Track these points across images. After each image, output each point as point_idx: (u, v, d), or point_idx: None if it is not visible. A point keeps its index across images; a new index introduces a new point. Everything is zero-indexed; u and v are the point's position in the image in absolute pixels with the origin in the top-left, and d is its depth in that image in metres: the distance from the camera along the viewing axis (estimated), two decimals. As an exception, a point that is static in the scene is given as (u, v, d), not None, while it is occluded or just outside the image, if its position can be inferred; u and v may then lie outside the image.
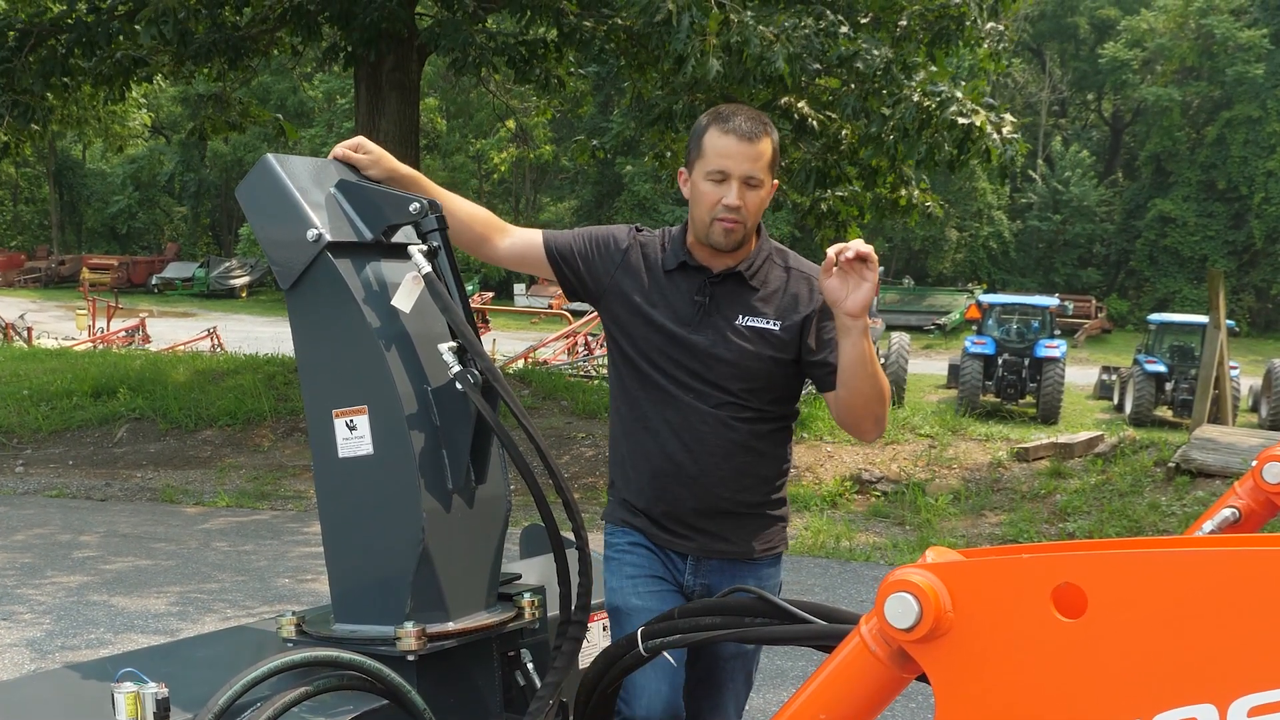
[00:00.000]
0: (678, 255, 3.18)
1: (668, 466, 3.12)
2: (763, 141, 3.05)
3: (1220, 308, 14.28)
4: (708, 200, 3.06)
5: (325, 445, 2.57)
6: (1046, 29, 57.23)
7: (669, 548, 3.17)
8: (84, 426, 13.89)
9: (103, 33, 12.39)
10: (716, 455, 3.10)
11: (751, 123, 3.05)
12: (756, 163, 3.04)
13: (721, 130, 3.04)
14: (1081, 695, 1.36)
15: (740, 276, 3.14)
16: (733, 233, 3.06)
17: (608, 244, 3.24)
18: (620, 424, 3.25)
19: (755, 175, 3.04)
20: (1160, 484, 11.20)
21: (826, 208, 13.86)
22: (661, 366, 3.12)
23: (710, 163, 3.05)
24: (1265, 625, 1.27)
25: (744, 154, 3.02)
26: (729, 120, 3.05)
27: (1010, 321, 25.74)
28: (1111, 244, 53.91)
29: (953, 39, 11.63)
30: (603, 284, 3.21)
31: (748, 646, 3.21)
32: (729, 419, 3.09)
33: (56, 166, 57.87)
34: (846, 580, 9.12)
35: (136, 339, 27.48)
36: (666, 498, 3.13)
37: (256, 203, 2.65)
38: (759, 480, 3.18)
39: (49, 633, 7.26)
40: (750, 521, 3.19)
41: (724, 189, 3.03)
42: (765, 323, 3.11)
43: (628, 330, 3.17)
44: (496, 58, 13.56)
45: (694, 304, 3.12)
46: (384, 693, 2.20)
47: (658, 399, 3.13)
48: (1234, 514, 2.67)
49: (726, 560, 3.16)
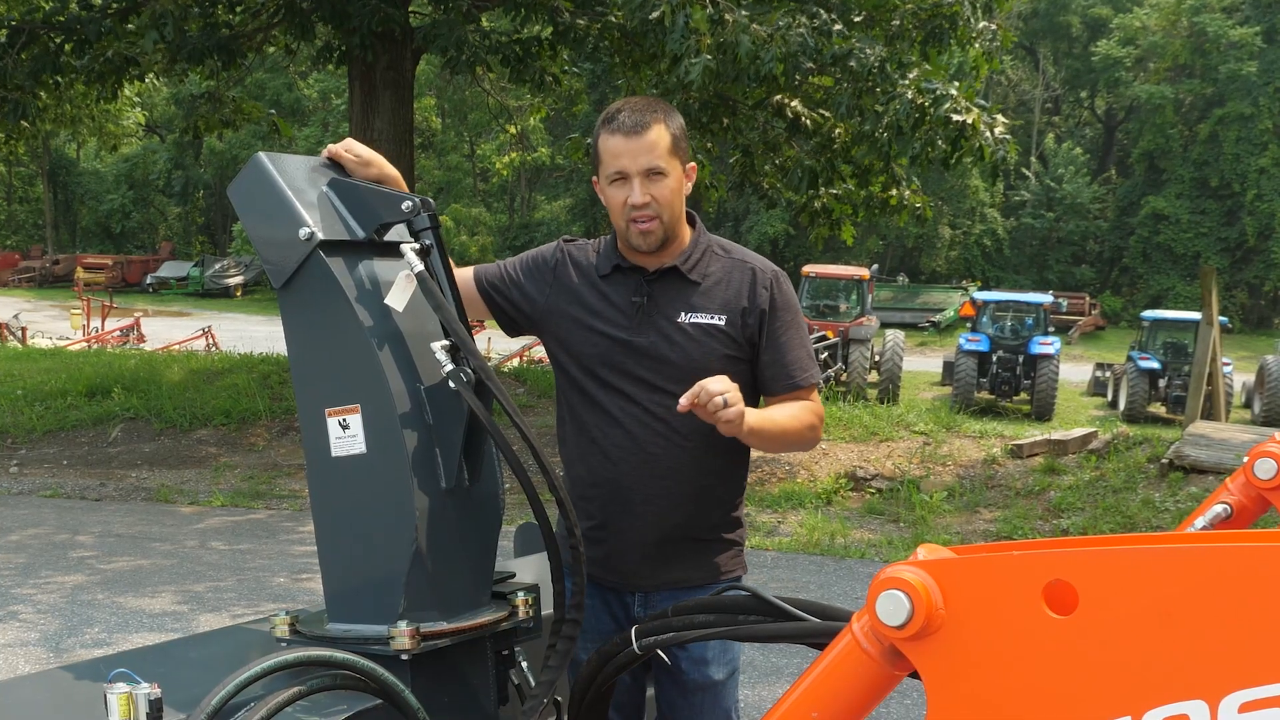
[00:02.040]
0: (611, 259, 3.07)
1: (618, 492, 3.00)
2: (651, 130, 2.92)
3: (1213, 305, 14.33)
4: (615, 204, 2.97)
5: (318, 444, 2.57)
6: (1039, 27, 57.29)
7: (620, 589, 3.07)
8: (78, 426, 13.88)
9: (94, 30, 12.37)
10: (669, 477, 2.98)
11: (636, 114, 2.94)
12: (651, 153, 2.91)
13: (609, 131, 2.95)
14: (1073, 692, 1.36)
15: (677, 271, 3.03)
16: (649, 233, 2.95)
17: (538, 264, 3.15)
18: (567, 449, 3.14)
19: (654, 165, 2.92)
20: (1154, 480, 11.22)
21: (820, 205, 13.86)
22: (607, 380, 3.01)
23: (607, 166, 2.96)
24: (1256, 621, 1.27)
25: (634, 149, 2.91)
26: (613, 120, 2.95)
27: (1004, 319, 25.78)
28: (1105, 241, 53.99)
29: (945, 38, 11.63)
30: (538, 306, 3.11)
31: (716, 676, 3.05)
32: (681, 434, 2.96)
33: (51, 165, 57.79)
34: (841, 577, 9.13)
35: (131, 338, 27.47)
36: (617, 527, 3.02)
37: (248, 201, 2.64)
38: (714, 502, 3.08)
39: (44, 633, 7.25)
40: (704, 548, 3.08)
41: (626, 188, 2.93)
42: (710, 318, 2.99)
43: (569, 346, 3.06)
44: (490, 56, 13.55)
45: (632, 305, 3.01)
46: (378, 692, 2.20)
47: (604, 420, 3.01)
48: (1226, 510, 2.67)
49: (679, 590, 3.02)
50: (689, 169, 3.05)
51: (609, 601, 3.10)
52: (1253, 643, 1.27)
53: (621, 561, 3.05)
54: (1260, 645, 1.27)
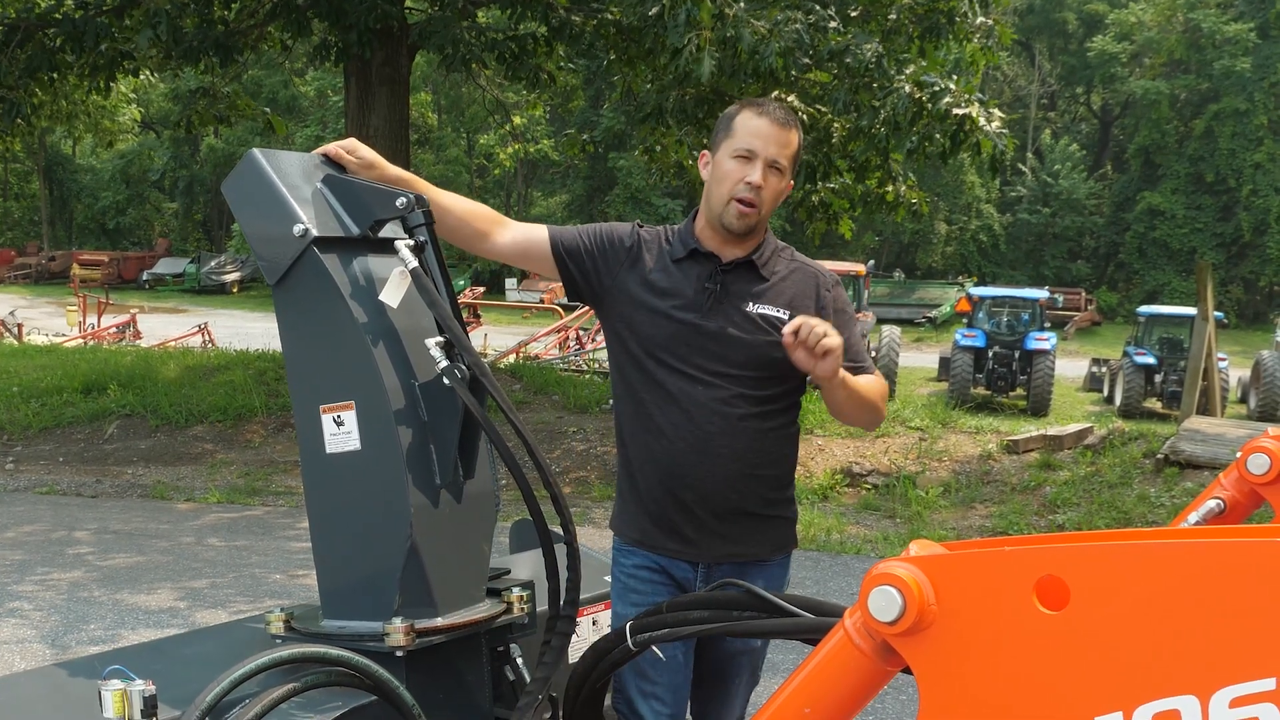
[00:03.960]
0: (686, 243, 3.16)
1: (675, 469, 3.07)
2: (793, 131, 3.09)
3: (1209, 300, 14.34)
4: (731, 178, 3.06)
5: (313, 441, 2.57)
6: (1035, 23, 57.31)
7: (678, 557, 3.13)
8: (74, 423, 13.86)
9: (90, 29, 12.34)
10: (724, 455, 3.05)
11: (785, 112, 3.10)
12: (784, 149, 3.06)
13: (756, 113, 3.08)
14: (1064, 687, 1.36)
15: (751, 264, 3.14)
16: (747, 216, 3.06)
17: (613, 241, 3.22)
18: (625, 429, 3.20)
19: (780, 161, 3.06)
20: (1149, 475, 11.23)
21: (817, 200, 13.86)
22: (668, 362, 3.08)
23: (740, 140, 3.06)
24: (1247, 616, 1.27)
25: (775, 137, 3.04)
26: (764, 105, 3.10)
27: (1000, 314, 25.77)
28: (1101, 237, 54.04)
29: (943, 33, 11.62)
30: (605, 283, 3.18)
31: (755, 642, 3.21)
32: (739, 415, 3.05)
33: (46, 162, 57.70)
34: (837, 573, 9.13)
35: (127, 335, 27.41)
36: (675, 502, 3.09)
37: (243, 198, 2.64)
38: (768, 480, 3.15)
39: (43, 630, 7.24)
40: (761, 523, 3.16)
41: (749, 167, 3.04)
42: (776, 311, 3.08)
43: (634, 326, 3.13)
44: (486, 53, 13.54)
45: (704, 290, 3.09)
46: (373, 688, 2.20)
47: (663, 398, 3.08)
48: (1219, 505, 2.67)
49: (737, 564, 3.11)
50: (788, 185, 3.17)
51: (669, 570, 3.16)
52: (1244, 638, 1.28)
53: (681, 534, 3.12)
54: (1251, 640, 1.27)
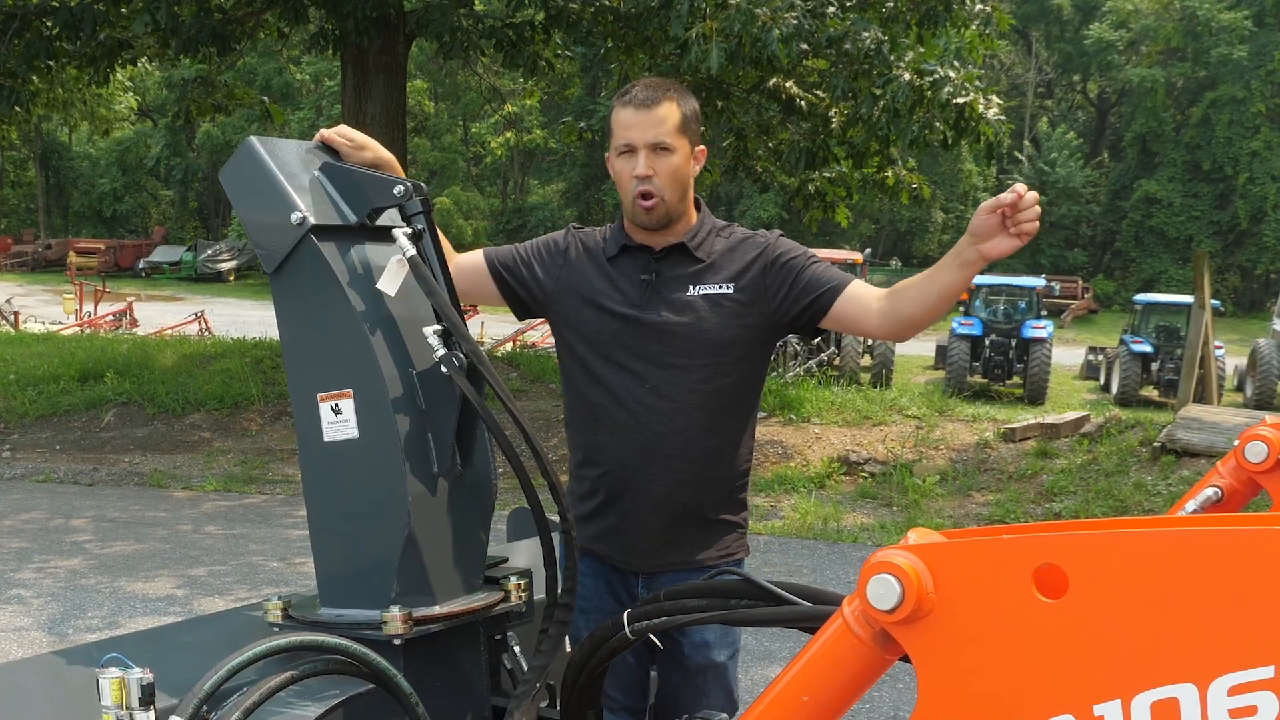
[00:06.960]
0: (618, 240, 3.12)
1: (622, 472, 3.03)
2: (662, 106, 2.97)
3: (1205, 288, 14.34)
4: (623, 177, 3.02)
5: (310, 429, 2.56)
6: (1032, 10, 57.22)
7: (622, 567, 3.09)
8: (71, 411, 13.86)
9: (88, 17, 12.30)
10: (672, 457, 3.01)
11: (649, 90, 3.00)
12: (659, 128, 2.96)
13: (621, 104, 3.02)
14: (1063, 675, 1.36)
15: (684, 249, 3.06)
16: (652, 209, 2.99)
17: (549, 246, 3.19)
18: (574, 433, 3.17)
19: (661, 140, 2.96)
20: (1146, 464, 11.25)
21: (814, 188, 13.85)
22: (614, 359, 3.04)
23: (618, 138, 3.01)
24: (1245, 604, 1.28)
25: (643, 121, 2.96)
26: (627, 94, 3.02)
27: (997, 302, 25.80)
28: (1097, 225, 54.05)
29: (940, 19, 11.61)
30: (548, 288, 3.14)
31: (718, 659, 3.10)
32: (685, 413, 3.00)
33: (43, 149, 57.63)
34: (834, 561, 9.15)
35: (124, 323, 27.37)
36: (621, 507, 3.05)
37: (240, 186, 2.63)
38: (717, 482, 3.09)
39: (42, 618, 7.25)
40: (708, 528, 3.10)
41: (633, 161, 2.98)
42: (719, 288, 3.03)
43: (578, 326, 3.09)
44: (483, 41, 13.51)
45: (641, 284, 3.05)
46: (370, 677, 2.20)
47: (609, 400, 3.04)
48: (1216, 493, 2.67)
49: (682, 572, 3.04)
50: (698, 151, 3.09)
51: (612, 582, 3.13)
52: (1242, 626, 1.28)
53: (626, 541, 3.07)
54: (1250, 628, 1.27)
